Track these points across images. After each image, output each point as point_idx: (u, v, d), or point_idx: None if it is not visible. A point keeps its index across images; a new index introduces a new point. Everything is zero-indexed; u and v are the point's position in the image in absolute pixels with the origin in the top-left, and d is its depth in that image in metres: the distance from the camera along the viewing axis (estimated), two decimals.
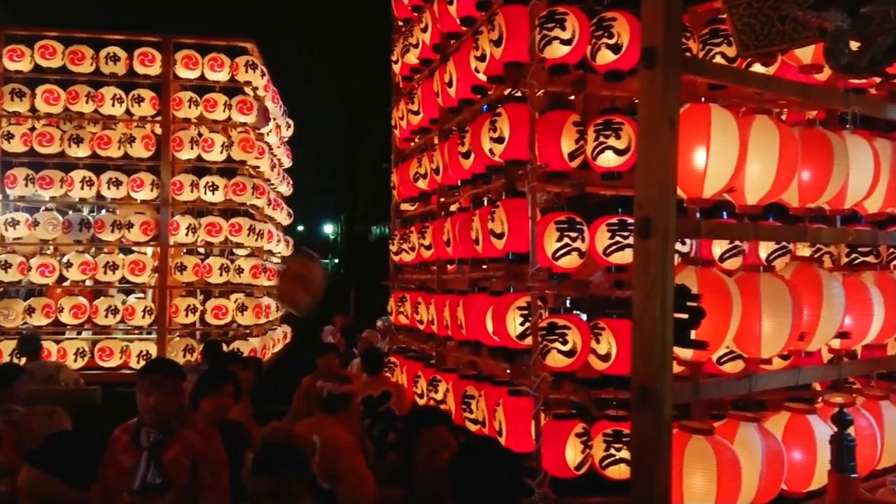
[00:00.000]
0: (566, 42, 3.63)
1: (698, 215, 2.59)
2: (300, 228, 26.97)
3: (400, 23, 6.52)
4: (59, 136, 7.81)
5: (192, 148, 7.92)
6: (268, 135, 9.07)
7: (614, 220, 3.62)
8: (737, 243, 3.42)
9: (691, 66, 2.53)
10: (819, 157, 2.70)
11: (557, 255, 3.64)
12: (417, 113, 5.70)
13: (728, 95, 2.81)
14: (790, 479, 2.71)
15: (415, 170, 5.77)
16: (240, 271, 7.96)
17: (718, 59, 3.27)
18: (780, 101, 3.05)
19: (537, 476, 3.57)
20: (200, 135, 8.07)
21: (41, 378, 5.61)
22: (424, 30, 5.43)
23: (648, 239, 2.18)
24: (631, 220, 3.45)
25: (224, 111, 8.07)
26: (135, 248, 8.07)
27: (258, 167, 8.64)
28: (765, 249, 3.42)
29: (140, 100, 7.93)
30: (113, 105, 7.87)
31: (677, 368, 2.43)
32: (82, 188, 7.74)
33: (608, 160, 3.65)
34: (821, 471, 2.69)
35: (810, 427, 2.75)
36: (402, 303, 6.13)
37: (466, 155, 4.50)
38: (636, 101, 2.38)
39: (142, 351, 7.60)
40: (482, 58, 4.23)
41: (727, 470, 2.39)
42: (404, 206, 6.67)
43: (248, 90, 8.34)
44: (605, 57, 3.61)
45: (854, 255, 3.40)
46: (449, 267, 5.35)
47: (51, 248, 7.98)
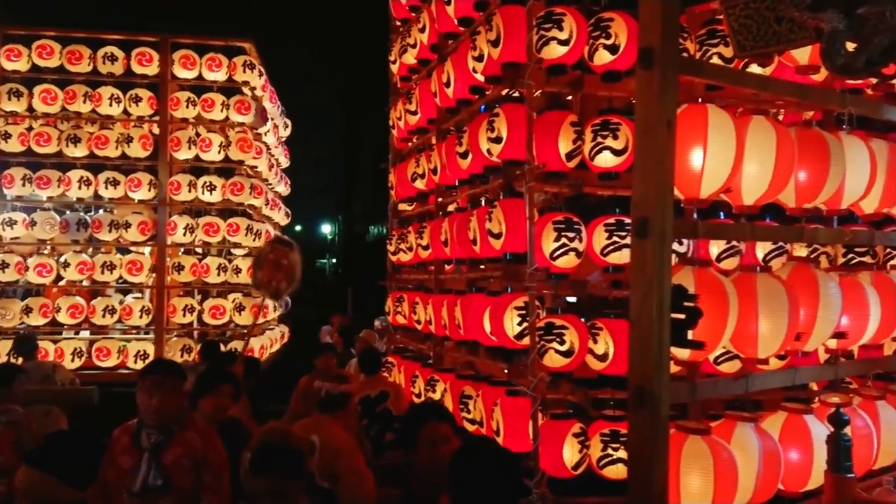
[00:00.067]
0: (564, 42, 3.64)
1: (695, 215, 2.60)
2: (298, 228, 27.00)
3: (398, 23, 6.52)
4: (57, 136, 7.81)
5: (190, 148, 7.92)
6: (265, 135, 9.07)
7: (612, 221, 3.62)
8: (734, 243, 3.43)
9: (688, 67, 2.54)
10: (816, 158, 2.71)
11: (555, 255, 3.65)
12: (415, 113, 5.70)
13: (725, 96, 2.82)
14: (787, 479, 2.71)
15: (412, 170, 5.77)
16: (237, 271, 7.96)
17: (715, 60, 3.27)
18: (777, 102, 3.06)
19: (535, 476, 3.57)
20: (198, 135, 8.06)
21: (37, 378, 5.61)
22: (422, 30, 5.43)
23: (645, 239, 2.18)
24: (628, 221, 3.44)
25: (222, 111, 8.06)
26: (132, 248, 8.07)
27: (256, 167, 8.64)
28: (762, 250, 3.43)
29: (138, 99, 7.92)
30: (110, 105, 7.86)
31: (674, 368, 2.43)
32: (80, 188, 7.74)
33: (605, 160, 3.65)
34: (817, 471, 2.69)
35: (807, 427, 2.75)
36: (400, 303, 6.13)
37: (464, 155, 4.51)
38: (633, 102, 2.38)
39: (139, 351, 7.59)
40: (480, 58, 4.23)
41: (724, 470, 2.39)
42: (402, 206, 6.67)
43: (246, 90, 8.33)
44: (603, 57, 3.61)
45: (851, 256, 3.41)
46: (447, 267, 5.35)
47: (48, 248, 7.98)
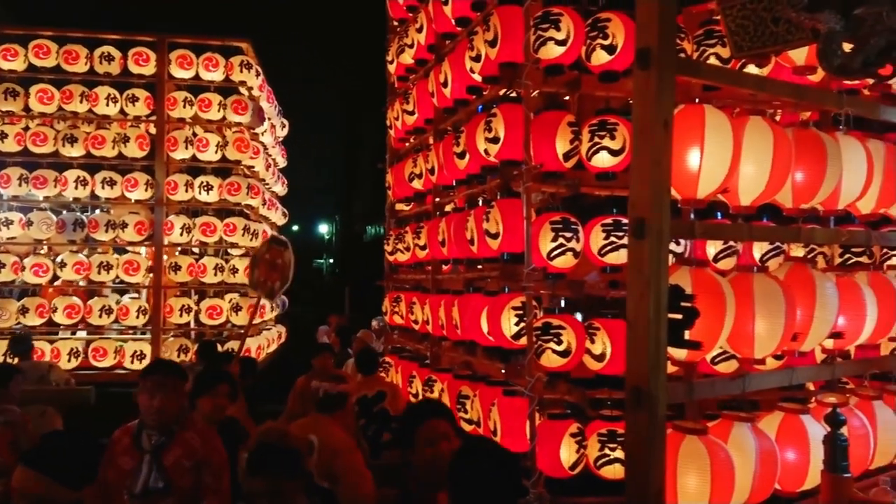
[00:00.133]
0: (561, 43, 3.64)
1: (692, 216, 2.60)
2: (295, 228, 27.00)
3: (395, 23, 6.52)
4: (53, 136, 7.80)
5: (187, 148, 7.91)
6: (263, 135, 9.06)
7: (609, 221, 3.62)
8: (731, 244, 3.43)
9: (685, 67, 2.54)
10: (812, 158, 2.71)
11: (552, 256, 3.65)
12: (412, 113, 5.70)
13: (722, 96, 2.82)
14: (783, 479, 2.72)
15: (410, 170, 5.77)
16: (234, 271, 7.95)
17: (713, 60, 3.28)
18: (774, 103, 3.06)
19: (532, 476, 3.57)
20: (195, 134, 8.05)
21: (33, 378, 5.60)
22: (419, 30, 5.43)
23: (642, 239, 2.18)
24: (625, 221, 3.45)
25: (219, 111, 8.05)
26: (129, 248, 8.06)
27: (253, 167, 8.63)
28: (759, 250, 3.43)
29: (134, 99, 7.91)
30: (107, 105, 7.85)
31: (671, 368, 2.43)
32: (76, 188, 7.73)
33: (603, 161, 3.65)
34: (814, 470, 2.70)
35: (804, 427, 2.76)
36: (397, 303, 6.13)
37: (461, 155, 4.51)
38: (631, 102, 2.38)
39: (136, 351, 7.58)
40: (477, 58, 4.23)
41: (721, 470, 2.40)
42: (399, 207, 6.67)
43: (243, 90, 8.32)
44: (600, 58, 3.61)
45: (847, 256, 3.41)
46: (444, 267, 5.35)
47: (45, 248, 7.96)
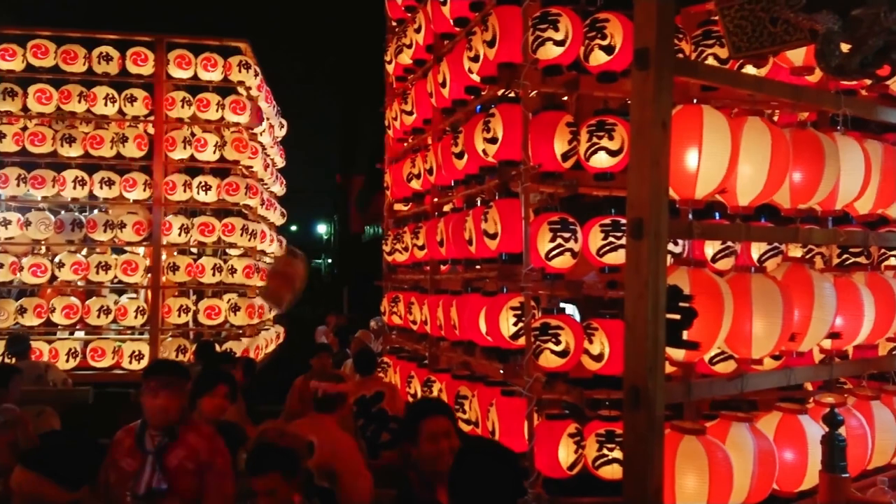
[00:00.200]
0: (559, 43, 3.64)
1: (690, 216, 2.61)
2: (293, 228, 26.96)
3: (393, 23, 6.51)
4: (52, 136, 7.78)
5: (185, 148, 7.90)
6: (261, 135, 9.05)
7: (607, 221, 3.62)
8: (729, 244, 3.43)
9: (683, 68, 2.54)
10: (810, 159, 2.72)
11: (550, 256, 3.65)
12: (411, 113, 5.70)
13: (720, 97, 2.83)
14: (781, 479, 2.72)
15: (408, 170, 5.77)
16: (233, 271, 7.94)
17: (711, 61, 3.28)
18: (772, 103, 3.07)
19: (530, 476, 3.57)
20: (193, 135, 8.04)
21: (30, 378, 5.59)
22: (418, 30, 5.43)
23: (641, 240, 2.19)
24: (624, 221, 3.46)
25: (217, 111, 8.04)
26: (127, 248, 8.04)
27: (251, 167, 8.62)
28: (757, 250, 3.44)
29: (133, 99, 7.90)
30: (105, 105, 7.84)
31: (669, 369, 2.43)
32: (74, 188, 7.71)
33: (601, 161, 3.66)
34: (812, 471, 2.70)
35: (801, 427, 2.77)
36: (396, 303, 6.13)
37: (460, 155, 4.51)
38: (629, 102, 2.39)
39: (134, 351, 7.57)
40: (476, 58, 4.23)
41: (719, 470, 2.40)
42: (398, 207, 6.67)
43: (242, 90, 8.31)
44: (599, 58, 3.61)
45: (845, 256, 3.42)
46: (442, 267, 5.35)
47: (43, 248, 7.94)
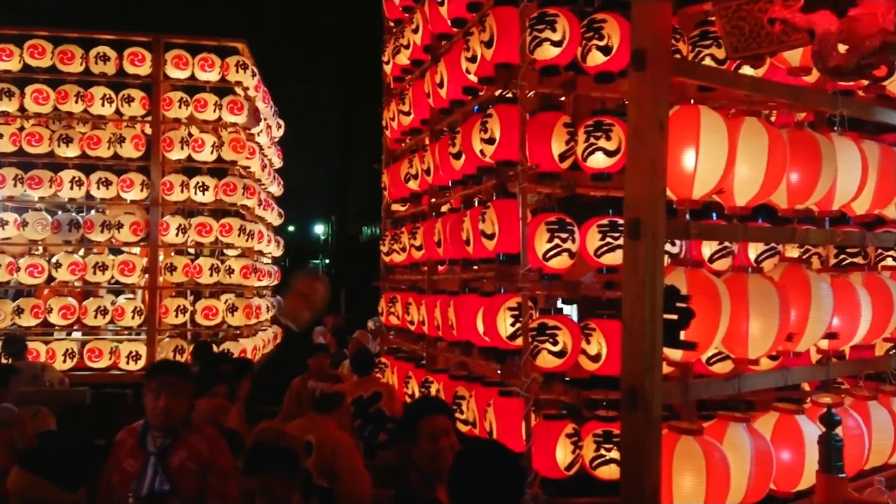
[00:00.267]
0: (557, 43, 3.64)
1: (688, 216, 2.61)
2: (291, 229, 26.94)
3: (391, 23, 6.51)
4: (49, 136, 7.76)
5: (183, 148, 7.88)
6: (258, 135, 9.04)
7: (605, 222, 3.63)
8: (726, 244, 3.44)
9: (681, 69, 2.54)
10: (807, 159, 2.72)
11: (548, 256, 3.65)
12: (408, 114, 5.70)
13: (717, 97, 2.83)
14: (779, 479, 2.72)
15: (406, 171, 5.77)
16: (230, 272, 7.93)
17: (708, 62, 3.29)
18: (769, 104, 3.07)
19: (528, 476, 3.57)
20: (191, 135, 8.03)
21: (27, 378, 5.57)
22: (415, 31, 5.43)
23: (638, 240, 2.19)
24: (621, 221, 3.46)
25: (214, 111, 8.03)
26: (124, 249, 8.02)
27: (249, 167, 8.61)
28: (754, 250, 3.44)
29: (130, 100, 7.88)
30: (103, 105, 7.82)
31: (667, 369, 2.43)
32: (72, 188, 7.69)
33: (598, 161, 3.66)
34: (809, 471, 2.70)
35: (799, 427, 2.77)
36: (393, 303, 6.13)
37: (457, 156, 4.51)
38: (626, 103, 2.39)
39: (131, 352, 7.55)
40: (473, 59, 4.23)
41: (716, 470, 2.40)
42: (395, 207, 6.67)
43: (239, 90, 8.30)
44: (596, 58, 3.62)
45: (842, 257, 3.42)
46: (440, 268, 5.35)
47: (40, 249, 7.92)
